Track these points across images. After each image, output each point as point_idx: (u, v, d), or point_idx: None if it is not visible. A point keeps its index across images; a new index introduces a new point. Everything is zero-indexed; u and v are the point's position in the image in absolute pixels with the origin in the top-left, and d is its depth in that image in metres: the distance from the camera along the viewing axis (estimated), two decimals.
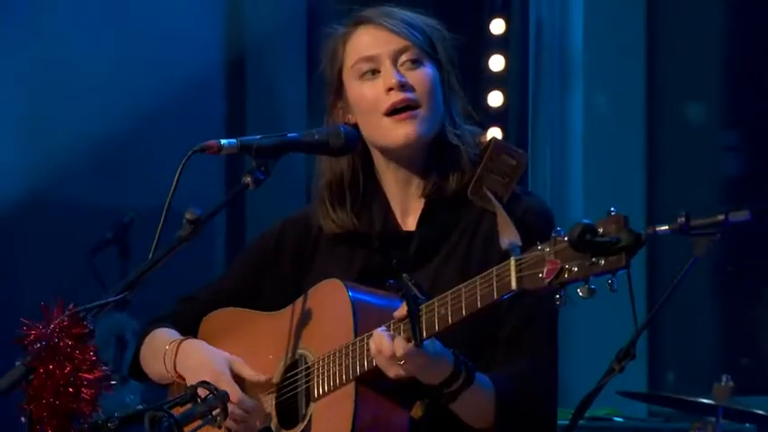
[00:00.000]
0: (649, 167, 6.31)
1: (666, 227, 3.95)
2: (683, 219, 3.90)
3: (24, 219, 6.22)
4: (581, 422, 4.75)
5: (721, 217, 3.84)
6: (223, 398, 2.66)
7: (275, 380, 2.73)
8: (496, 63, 5.84)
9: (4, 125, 6.48)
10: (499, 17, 5.82)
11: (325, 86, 2.81)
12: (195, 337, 2.87)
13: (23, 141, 6.43)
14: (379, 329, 2.50)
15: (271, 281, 2.85)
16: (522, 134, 5.98)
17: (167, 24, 6.39)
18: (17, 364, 2.49)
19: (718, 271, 6.35)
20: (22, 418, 2.52)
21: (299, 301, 2.74)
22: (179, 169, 2.67)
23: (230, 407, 2.64)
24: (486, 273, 2.40)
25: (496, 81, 5.83)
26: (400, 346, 2.46)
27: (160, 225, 2.66)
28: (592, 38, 6.15)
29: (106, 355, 5.10)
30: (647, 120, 6.30)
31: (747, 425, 4.52)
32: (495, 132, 5.83)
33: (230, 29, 6.81)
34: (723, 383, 3.89)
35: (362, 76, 2.72)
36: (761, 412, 4.10)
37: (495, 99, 5.84)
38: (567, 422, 4.05)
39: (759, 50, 6.52)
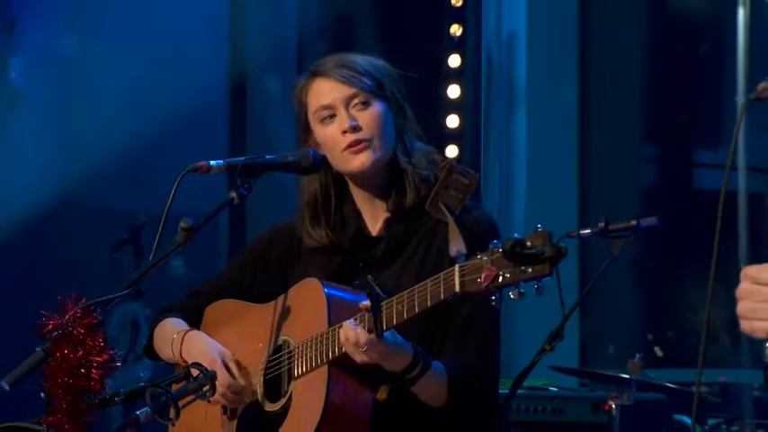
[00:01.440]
0: (581, 178, 6.31)
1: (589, 230, 3.94)
2: (602, 224, 3.89)
3: (59, 220, 6.21)
4: (521, 391, 4.77)
5: (634, 222, 3.83)
6: (212, 377, 2.65)
7: (262, 363, 2.71)
8: (453, 91, 5.82)
9: (43, 143, 6.47)
10: (456, 53, 5.80)
11: (298, 127, 2.81)
12: (199, 323, 2.87)
13: (59, 156, 6.41)
14: (347, 321, 2.49)
15: (262, 278, 2.85)
16: (475, 151, 5.96)
17: (179, 56, 6.37)
18: (37, 349, 2.49)
19: (639, 265, 6.36)
20: (42, 394, 2.51)
21: (285, 295, 2.73)
22: (174, 186, 2.65)
23: (222, 388, 2.66)
24: (435, 276, 2.41)
25: (453, 107, 5.81)
26: (363, 335, 2.46)
27: (159, 232, 2.64)
28: (534, 70, 6.14)
29: (123, 338, 5.08)
30: (579, 138, 6.30)
31: (658, 394, 4.51)
32: (452, 150, 5.83)
33: (233, 61, 6.79)
34: (636, 360, 3.89)
35: (323, 120, 2.72)
36: (668, 384, 4.11)
37: (453, 122, 5.82)
38: (507, 391, 4.06)
39: (671, 82, 6.55)
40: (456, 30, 5.81)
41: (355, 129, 2.68)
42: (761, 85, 2.06)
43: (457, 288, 2.35)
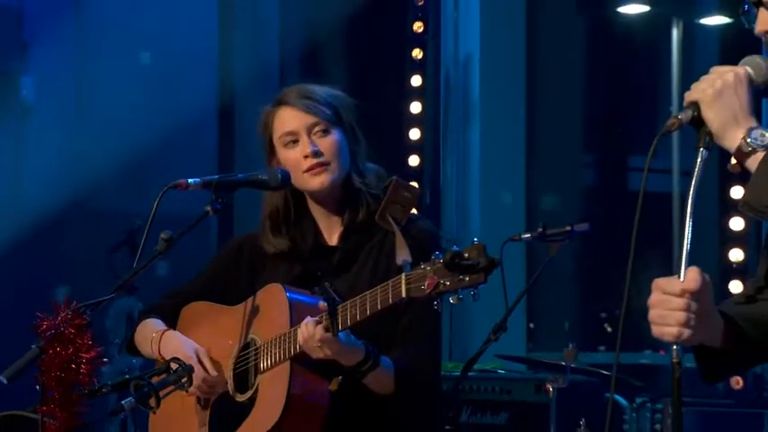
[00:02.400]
0: (528, 183, 6.32)
1: (529, 235, 3.94)
2: (540, 229, 3.90)
3: (69, 222, 6.20)
4: (473, 373, 4.77)
5: (568, 228, 3.85)
6: (189, 370, 2.64)
7: (232, 359, 2.70)
8: (415, 108, 5.82)
9: (55, 153, 6.46)
10: (417, 74, 5.80)
11: (263, 148, 2.79)
12: (176, 323, 2.84)
13: (66, 165, 6.40)
14: (307, 320, 2.49)
15: (232, 283, 2.82)
16: (435, 160, 5.96)
17: (175, 79, 6.39)
18: (33, 347, 2.49)
19: (589, 256, 6.37)
20: (37, 387, 2.50)
21: (252, 298, 2.71)
22: (157, 200, 2.63)
23: (197, 381, 2.65)
24: (384, 283, 2.41)
25: (416, 121, 5.81)
26: (320, 331, 2.46)
27: (142, 244, 2.63)
28: (486, 89, 6.15)
29: (119, 328, 5.06)
30: (526, 148, 6.32)
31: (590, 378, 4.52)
32: (414, 159, 5.82)
33: (221, 84, 6.81)
34: (570, 348, 3.88)
35: (287, 145, 2.70)
36: (596, 370, 4.10)
37: (415, 134, 5.82)
38: (459, 374, 4.03)
39: (608, 98, 6.58)
40: (417, 53, 5.81)
41: (316, 154, 2.66)
42: (669, 121, 2.05)
43: (404, 294, 2.36)
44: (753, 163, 1.95)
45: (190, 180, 2.66)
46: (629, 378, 3.90)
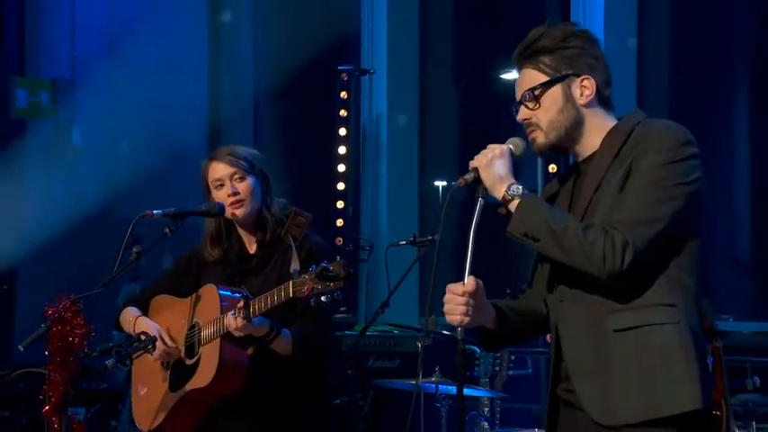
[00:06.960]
0: (420, 202, 6.36)
1: (405, 242, 3.99)
2: (412, 238, 3.96)
3: (100, 227, 6.15)
4: (375, 333, 4.80)
5: (430, 237, 3.90)
6: (153, 340, 2.69)
7: (183, 334, 2.72)
8: (342, 150, 5.84)
9: (95, 178, 6.42)
10: (343, 126, 5.83)
11: (203, 189, 2.81)
12: (147, 310, 2.86)
13: (98, 180, 6.37)
14: (229, 313, 2.55)
15: (184, 282, 2.84)
16: (356, 186, 5.93)
17: (176, 119, 6.41)
18: (42, 325, 2.52)
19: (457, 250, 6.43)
20: (46, 352, 2.53)
21: (196, 293, 2.75)
22: (130, 228, 2.66)
23: (159, 351, 2.69)
24: (279, 286, 2.47)
25: (342, 159, 5.82)
26: (240, 322, 2.52)
27: (119, 256, 2.66)
28: (392, 138, 6.19)
29: None
30: (419, 178, 6.39)
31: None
32: (341, 185, 5.85)
33: (211, 119, 6.84)
34: (432, 318, 3.89)
35: (216, 187, 2.75)
36: (445, 332, 4.07)
37: (342, 168, 5.82)
38: (358, 333, 4.01)
39: (481, 140, 6.63)
40: (343, 112, 5.85)
41: (236, 194, 2.72)
42: (459, 180, 2.14)
43: (291, 295, 2.43)
44: (513, 206, 2.06)
45: (154, 211, 2.69)
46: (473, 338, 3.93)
